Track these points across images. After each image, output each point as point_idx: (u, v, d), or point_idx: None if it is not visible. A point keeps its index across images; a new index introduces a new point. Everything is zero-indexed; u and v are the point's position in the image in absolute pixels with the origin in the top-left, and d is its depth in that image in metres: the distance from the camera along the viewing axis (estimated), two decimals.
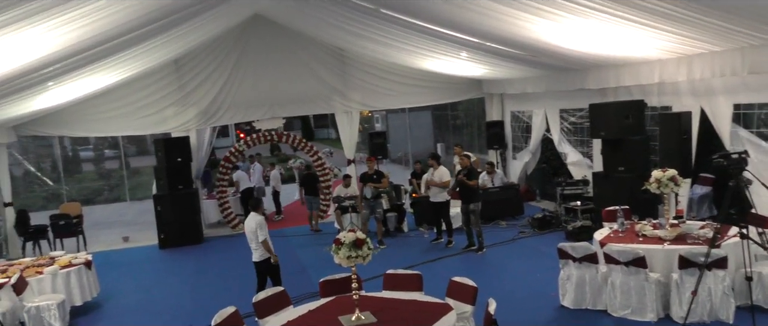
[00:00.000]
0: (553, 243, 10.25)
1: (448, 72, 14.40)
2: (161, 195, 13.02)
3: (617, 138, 9.85)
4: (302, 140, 14.88)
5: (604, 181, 10.20)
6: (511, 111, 15.35)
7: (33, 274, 8.29)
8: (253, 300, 6.18)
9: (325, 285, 6.60)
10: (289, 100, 14.38)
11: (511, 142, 15.43)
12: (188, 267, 11.34)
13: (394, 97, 15.11)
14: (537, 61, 11.07)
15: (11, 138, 12.87)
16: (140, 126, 13.79)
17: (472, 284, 5.90)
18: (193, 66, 13.65)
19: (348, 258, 5.30)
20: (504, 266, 9.62)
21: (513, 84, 14.00)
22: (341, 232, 5.54)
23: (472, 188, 10.31)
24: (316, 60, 14.32)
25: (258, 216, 7.78)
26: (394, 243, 11.68)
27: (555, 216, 11.69)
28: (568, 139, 13.06)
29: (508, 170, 15.64)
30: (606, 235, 7.67)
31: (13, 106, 10.46)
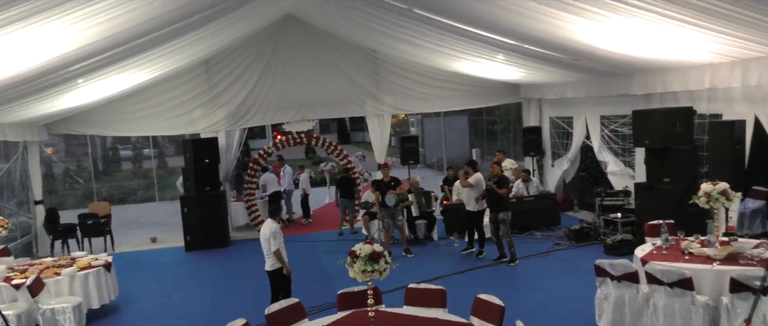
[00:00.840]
0: (591, 257, 9.69)
1: (484, 75, 13.91)
2: (188, 196, 12.86)
3: (663, 147, 9.23)
4: (332, 143, 14.56)
5: (648, 193, 9.56)
6: (549, 116, 14.75)
7: (51, 275, 8.13)
8: (266, 312, 5.82)
9: (343, 297, 6.23)
10: (320, 102, 14.10)
11: (550, 149, 14.82)
12: (212, 271, 11.12)
13: (427, 101, 14.68)
14: (578, 65, 10.52)
15: (43, 136, 12.89)
16: (169, 126, 13.70)
17: (499, 303, 5.43)
18: (223, 66, 13.50)
19: (363, 272, 4.90)
20: (537, 280, 9.08)
21: (552, 88, 13.42)
22: (357, 245, 5.14)
23: (501, 197, 9.81)
24: (347, 61, 14.02)
25: (273, 224, 7.44)
26: (422, 252, 11.24)
27: (593, 229, 11.08)
28: (609, 147, 12.41)
29: (545, 178, 15.04)
30: (648, 252, 7.09)
31: (44, 103, 10.43)
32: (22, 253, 12.62)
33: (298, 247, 12.49)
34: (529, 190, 12.64)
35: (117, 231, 15.12)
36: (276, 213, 7.66)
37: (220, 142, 13.58)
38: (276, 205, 7.88)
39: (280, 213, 7.76)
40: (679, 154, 9.15)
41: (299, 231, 14.22)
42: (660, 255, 6.94)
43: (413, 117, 29.00)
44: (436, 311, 5.83)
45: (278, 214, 7.69)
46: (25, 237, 13.04)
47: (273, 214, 7.63)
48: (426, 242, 12.03)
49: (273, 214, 7.63)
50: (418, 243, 11.90)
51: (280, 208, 7.85)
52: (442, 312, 5.84)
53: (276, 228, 7.44)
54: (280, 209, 7.80)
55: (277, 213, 7.68)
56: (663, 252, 7.02)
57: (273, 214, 7.63)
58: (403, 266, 10.38)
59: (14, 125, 11.30)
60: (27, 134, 12.01)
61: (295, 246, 12.60)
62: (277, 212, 7.70)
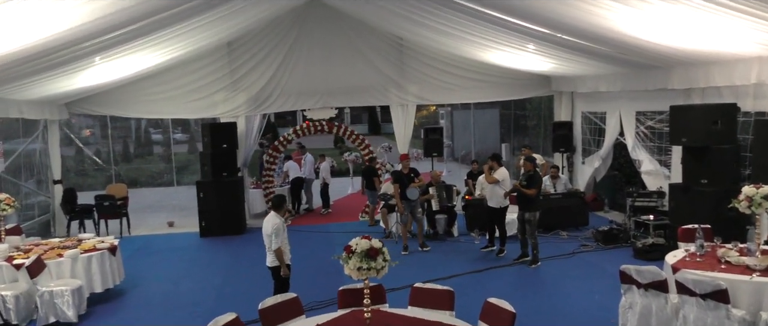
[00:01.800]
0: (619, 261, 9.09)
1: (514, 66, 13.31)
2: (205, 181, 12.62)
3: (702, 146, 8.57)
4: (353, 131, 14.16)
5: (683, 194, 8.92)
6: (581, 111, 14.08)
7: (53, 257, 7.91)
8: (259, 307, 5.45)
9: (344, 294, 5.81)
10: (343, 90, 13.71)
11: (581, 145, 14.16)
12: (224, 258, 10.85)
13: (453, 92, 14.15)
14: (613, 57, 9.89)
15: (63, 115, 12.79)
16: (189, 110, 13.47)
17: (510, 308, 4.95)
18: (245, 50, 13.20)
19: (358, 269, 4.48)
20: (559, 283, 8.54)
21: (585, 81, 12.77)
22: (354, 239, 4.72)
23: (530, 196, 9.27)
24: (372, 49, 13.58)
25: (276, 219, 6.96)
26: (440, 248, 10.78)
27: (623, 230, 10.45)
28: (644, 145, 11.73)
29: (575, 176, 14.39)
30: (680, 259, 6.51)
31: (60, 81, 10.22)
32: (39, 232, 12.59)
33: (313, 238, 12.18)
34: (557, 188, 12.04)
35: (137, 214, 15.04)
36: (279, 206, 7.17)
37: (240, 127, 13.31)
38: (279, 197, 7.39)
39: (284, 206, 7.29)
40: (719, 153, 8.49)
41: (317, 221, 13.89)
42: (693, 262, 6.37)
43: (443, 109, 28.42)
44: (440, 314, 5.38)
45: (282, 207, 7.22)
46: (43, 216, 12.99)
47: (276, 207, 7.16)
48: (445, 237, 11.55)
49: (276, 207, 7.16)
50: (437, 239, 11.44)
51: (284, 200, 7.37)
52: (447, 315, 5.38)
53: (279, 223, 6.98)
54: (283, 201, 7.33)
55: (281, 206, 7.19)
56: (697, 260, 6.45)
57: (276, 207, 7.16)
58: (417, 261, 10.03)
59: (32, 103, 11.19)
60: (46, 112, 11.90)
61: (310, 236, 12.31)
62: (281, 204, 7.21)
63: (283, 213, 7.26)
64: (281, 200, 7.30)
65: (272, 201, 7.29)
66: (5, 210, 8.26)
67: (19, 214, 12.59)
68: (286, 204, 7.30)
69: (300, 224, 13.64)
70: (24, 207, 12.65)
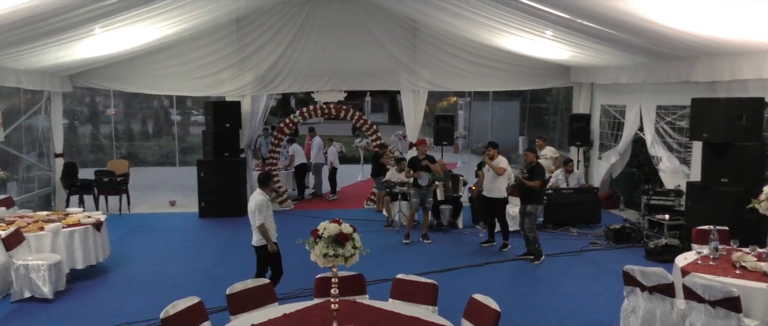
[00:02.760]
0: (629, 262, 8.55)
1: (530, 54, 12.74)
2: (206, 161, 12.32)
3: (724, 142, 7.97)
4: (362, 116, 13.73)
5: (701, 194, 8.34)
6: (601, 104, 13.46)
7: (35, 230, 7.65)
8: (227, 292, 5.09)
9: (321, 283, 5.41)
10: (352, 73, 13.28)
11: (598, 140, 13.55)
12: (220, 240, 10.53)
13: (467, 79, 13.62)
14: (634, 45, 9.30)
15: (65, 87, 12.55)
16: (195, 87, 13.13)
17: (495, 307, 4.51)
18: (254, 28, 12.81)
19: (324, 256, 4.06)
20: (562, 282, 8.04)
21: (605, 72, 12.15)
22: (323, 223, 4.31)
23: (532, 188, 8.77)
24: (385, 31, 13.10)
25: (261, 196, 6.68)
26: (442, 240, 10.32)
27: (636, 229, 9.89)
28: (663, 141, 11.12)
29: (591, 171, 13.79)
30: (691, 262, 5.99)
31: (59, 49, 9.89)
32: (39, 205, 12.44)
33: (313, 223, 11.74)
34: (570, 182, 11.47)
35: (141, 192, 14.86)
36: (265, 183, 6.86)
37: (245, 107, 12.96)
38: (265, 174, 7.05)
39: (270, 182, 6.95)
40: (742, 151, 7.89)
41: (322, 207, 13.52)
42: (705, 266, 5.84)
43: (462, 100, 27.82)
44: (421, 309, 4.95)
45: (268, 185, 6.89)
46: (44, 189, 12.82)
47: (262, 183, 6.85)
48: (449, 229, 11.10)
49: (262, 183, 6.85)
50: (440, 230, 11.00)
51: (270, 177, 7.02)
52: (428, 310, 4.96)
53: (263, 200, 6.68)
54: (269, 178, 6.99)
55: (267, 183, 6.88)
56: (710, 263, 5.92)
57: (262, 183, 6.85)
58: (415, 252, 9.59)
59: (32, 72, 10.92)
60: (47, 83, 11.64)
61: (310, 221, 11.86)
62: (267, 181, 6.88)
63: (269, 190, 6.91)
64: (267, 177, 6.96)
65: (259, 178, 6.96)
66: None
67: (21, 186, 12.48)
68: (273, 182, 6.93)
69: (303, 209, 13.29)
70: (25, 180, 12.52)
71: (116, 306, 7.07)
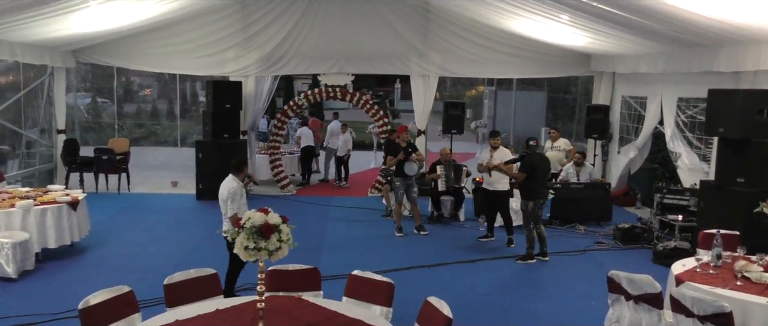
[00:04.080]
0: (633, 264, 8.03)
1: (546, 39, 12.05)
2: (205, 142, 12.02)
3: (742, 138, 7.26)
4: (368, 100, 13.24)
5: (715, 194, 7.65)
6: (622, 95, 12.69)
7: (6, 207, 7.41)
8: (165, 282, 4.71)
9: (273, 276, 4.99)
10: (360, 56, 12.81)
11: (618, 133, 12.80)
12: (208, 224, 10.10)
13: (480, 65, 13.01)
14: (652, 31, 8.61)
15: (68, 62, 12.36)
16: (199, 66, 12.81)
17: (447, 313, 4.01)
18: (260, 6, 12.40)
19: (246, 249, 3.62)
20: (555, 284, 7.46)
21: (624, 61, 11.41)
22: (249, 212, 3.86)
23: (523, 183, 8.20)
24: (395, 13, 12.57)
25: (233, 183, 6.23)
26: (439, 233, 9.82)
27: (647, 230, 9.21)
28: (683, 136, 10.36)
29: (609, 166, 13.07)
30: (689, 269, 5.38)
31: (52, 22, 9.62)
32: (40, 181, 12.35)
33: (310, 210, 11.45)
34: (580, 177, 10.81)
35: (149, 171, 14.71)
36: (239, 169, 6.42)
37: (249, 87, 12.61)
38: (239, 159, 6.63)
39: (244, 168, 6.52)
40: (761, 148, 7.17)
41: (326, 193, 13.12)
42: (704, 275, 5.24)
43: (487, 88, 27.07)
44: (371, 310, 4.49)
45: (242, 170, 6.45)
46: (45, 165, 12.72)
47: (236, 169, 6.41)
48: (450, 221, 10.58)
49: (236, 169, 6.41)
50: (441, 222, 10.49)
51: (244, 163, 6.58)
52: (378, 312, 4.49)
53: (235, 188, 6.23)
54: (244, 163, 6.57)
55: (241, 169, 6.44)
56: (710, 272, 5.31)
57: (236, 169, 6.41)
58: (407, 245, 9.06)
59: (29, 46, 10.70)
60: (47, 58, 11.46)
61: (308, 208, 11.57)
62: (241, 167, 6.46)
63: (243, 177, 6.49)
64: (242, 162, 6.54)
65: (232, 163, 6.52)
66: None
67: (22, 162, 12.39)
68: (247, 168, 6.51)
69: (306, 194, 12.93)
70: (26, 156, 12.43)
71: (79, 289, 6.65)
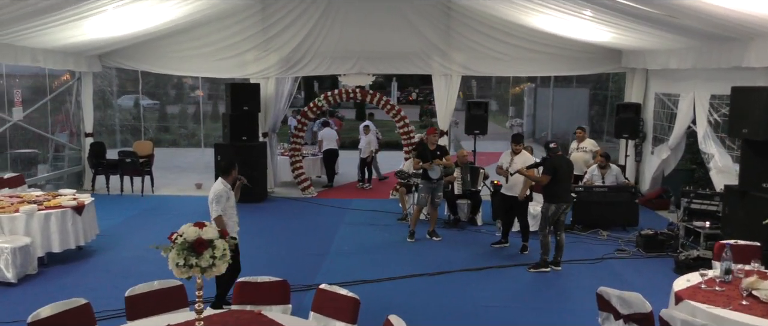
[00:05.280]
0: (653, 274, 7.56)
1: (572, 36, 11.56)
2: (223, 144, 12.03)
3: (766, 140, 6.69)
4: (388, 101, 13.00)
5: (739, 200, 7.08)
6: (655, 92, 12.05)
7: (10, 211, 7.53)
8: (126, 294, 4.60)
9: (242, 288, 4.82)
10: (381, 56, 12.59)
11: (652, 132, 12.15)
12: None
13: (505, 63, 12.58)
14: (674, 24, 8.07)
15: (94, 67, 12.58)
16: (219, 68, 12.83)
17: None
18: (279, 7, 12.33)
19: (177, 266, 3.45)
20: (564, 295, 7.05)
21: (655, 57, 10.81)
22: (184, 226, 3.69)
23: (545, 185, 7.78)
24: (416, 12, 12.29)
25: (220, 185, 6.15)
26: (453, 238, 9.49)
27: (673, 237, 8.65)
28: (717, 136, 9.71)
29: (642, 167, 12.43)
30: (693, 285, 4.96)
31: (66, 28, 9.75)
32: (68, 184, 12.64)
33: (327, 212, 11.31)
34: (606, 179, 10.27)
35: (175, 173, 14.91)
36: (227, 172, 6.31)
37: (269, 89, 12.56)
38: (227, 162, 6.49)
39: (232, 171, 6.39)
40: None
41: (349, 196, 12.93)
42: (708, 292, 4.81)
43: (527, 86, 26.37)
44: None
45: (230, 173, 6.34)
46: (74, 167, 13.00)
47: (224, 172, 6.31)
48: (466, 226, 10.23)
49: (224, 172, 6.31)
50: (457, 226, 10.16)
51: (232, 165, 6.43)
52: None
53: (221, 190, 6.15)
54: (232, 167, 6.43)
55: (228, 173, 6.32)
56: (715, 289, 4.87)
57: (224, 172, 6.31)
58: (415, 251, 8.77)
59: (51, 52, 10.87)
60: (71, 63, 11.69)
61: (329, 210, 11.43)
62: (228, 170, 6.34)
63: (232, 180, 6.36)
64: (230, 165, 6.39)
65: (220, 166, 6.41)
66: None
67: (52, 165, 12.71)
68: (236, 171, 6.37)
69: (327, 197, 12.79)
70: (54, 159, 12.74)
71: (77, 294, 6.73)
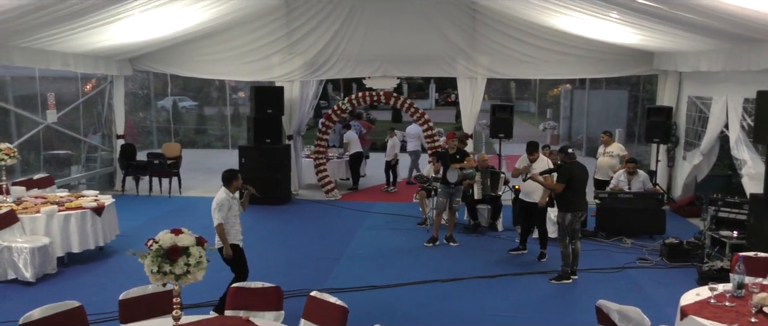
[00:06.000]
0: (675, 286, 7.26)
1: (601, 38, 11.27)
2: (247, 147, 12.14)
3: None
4: (413, 104, 12.91)
5: (765, 210, 6.74)
6: (688, 95, 11.63)
7: (32, 212, 7.74)
8: (120, 297, 4.67)
9: (236, 293, 4.84)
10: (405, 59, 12.53)
11: (684, 137, 11.75)
12: (246, 230, 9.88)
13: (531, 65, 12.35)
14: (703, 25, 7.77)
15: (124, 71, 12.88)
16: (245, 72, 12.98)
17: None
18: (304, 10, 12.38)
19: (152, 273, 3.46)
20: (577, 306, 6.82)
21: (686, 58, 10.42)
22: (161, 232, 3.70)
23: (558, 193, 7.57)
24: (440, 14, 12.18)
25: (222, 194, 6.16)
26: (472, 244, 9.35)
27: (700, 246, 8.32)
28: (751, 141, 9.29)
29: (675, 173, 12.02)
30: (702, 299, 4.74)
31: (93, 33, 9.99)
32: (100, 184, 12.99)
33: (348, 215, 11.30)
34: (632, 185, 9.95)
35: (206, 174, 15.16)
36: (229, 181, 6.26)
37: (294, 92, 12.64)
38: (228, 171, 6.42)
39: (234, 182, 6.31)
40: None
41: (373, 199, 12.89)
42: (716, 307, 4.59)
43: (564, 88, 25.88)
44: None
45: (233, 183, 6.28)
46: (105, 169, 13.34)
47: (226, 181, 6.28)
48: (487, 231, 10.07)
49: (226, 181, 6.28)
50: (477, 232, 10.00)
51: (235, 176, 6.36)
52: None
53: (224, 199, 6.14)
54: (234, 177, 6.35)
55: (231, 182, 6.27)
56: (725, 304, 4.64)
57: (226, 181, 6.28)
58: (429, 256, 8.72)
59: (82, 56, 11.14)
60: (102, 67, 11.97)
61: (345, 213, 11.42)
62: (231, 179, 6.29)
63: (234, 189, 6.37)
64: (231, 174, 6.37)
65: (222, 175, 6.42)
66: (3, 161, 8.18)
67: (85, 166, 13.07)
68: (238, 181, 6.33)
69: (351, 200, 12.78)
70: (87, 160, 13.09)
71: (92, 294, 6.93)
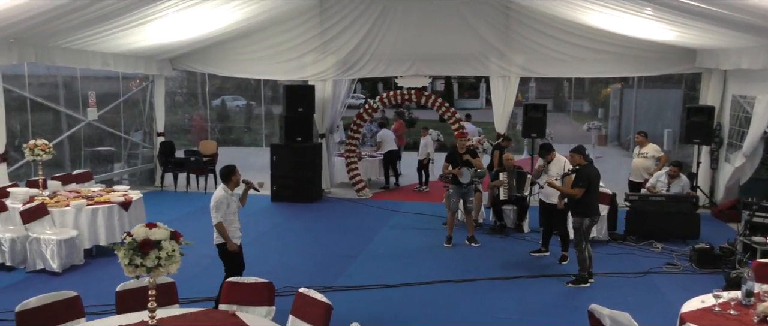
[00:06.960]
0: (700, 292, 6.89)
1: (632, 34, 10.92)
2: (279, 145, 12.32)
3: None
4: (444, 103, 12.80)
5: None
6: (732, 94, 11.11)
7: (63, 206, 8.08)
8: (117, 289, 4.81)
9: (230, 288, 4.92)
10: (437, 57, 12.49)
11: (727, 138, 11.22)
12: (267, 226, 10.40)
13: (567, 64, 12.09)
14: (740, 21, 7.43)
15: (165, 71, 13.28)
16: (279, 71, 13.20)
17: None
18: (338, 9, 12.48)
19: (125, 266, 3.55)
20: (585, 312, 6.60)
21: (727, 56, 9.97)
22: (136, 227, 3.78)
23: (576, 197, 7.34)
24: (473, 13, 12.07)
25: (220, 192, 6.17)
26: (494, 245, 9.20)
27: (731, 252, 7.92)
28: None
29: (718, 176, 11.50)
30: (706, 306, 4.53)
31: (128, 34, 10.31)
32: (141, 180, 13.45)
33: (375, 214, 11.32)
34: (671, 189, 9.54)
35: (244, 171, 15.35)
36: (227, 177, 6.26)
37: (326, 91, 12.74)
38: (226, 167, 6.42)
39: (232, 178, 6.34)
40: None
41: (404, 198, 12.85)
42: (719, 316, 4.40)
43: (614, 87, 25.15)
44: None
45: (230, 178, 6.28)
46: (146, 165, 13.79)
47: (224, 178, 6.28)
48: (512, 232, 9.89)
49: (224, 178, 6.28)
50: (502, 233, 9.84)
51: (231, 171, 6.37)
52: None
53: (222, 197, 6.14)
54: (231, 173, 6.35)
55: (229, 177, 6.27)
56: (729, 312, 4.42)
57: (224, 178, 6.28)
58: (446, 257, 8.66)
59: (121, 56, 11.56)
60: (141, 66, 12.38)
61: (373, 212, 11.44)
62: (229, 176, 6.28)
63: (233, 185, 6.36)
64: (229, 171, 6.32)
65: (220, 172, 6.46)
66: (40, 156, 8.53)
67: (127, 162, 13.56)
68: (237, 176, 6.33)
69: (382, 199, 12.77)
70: (129, 157, 13.57)
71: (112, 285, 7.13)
